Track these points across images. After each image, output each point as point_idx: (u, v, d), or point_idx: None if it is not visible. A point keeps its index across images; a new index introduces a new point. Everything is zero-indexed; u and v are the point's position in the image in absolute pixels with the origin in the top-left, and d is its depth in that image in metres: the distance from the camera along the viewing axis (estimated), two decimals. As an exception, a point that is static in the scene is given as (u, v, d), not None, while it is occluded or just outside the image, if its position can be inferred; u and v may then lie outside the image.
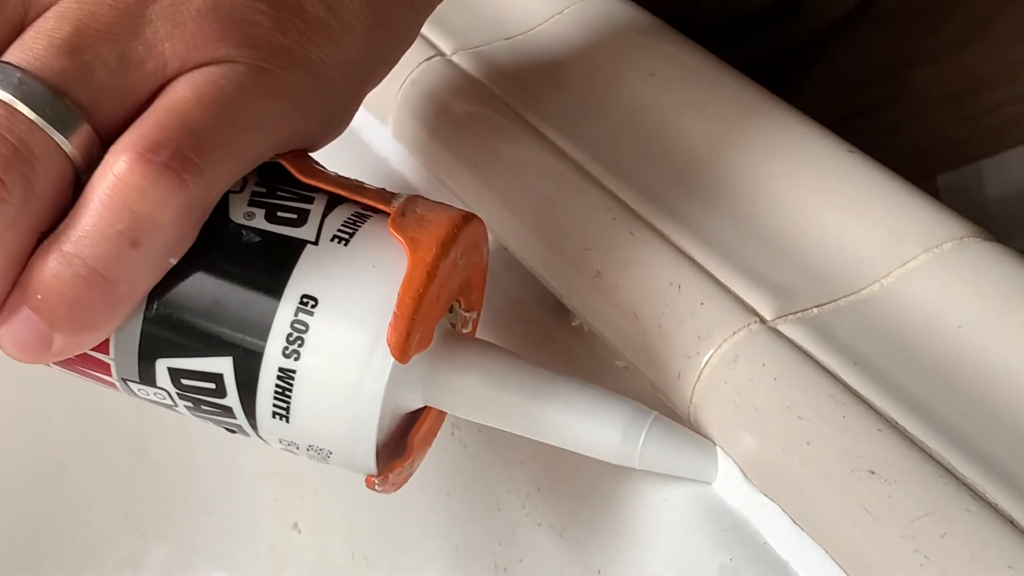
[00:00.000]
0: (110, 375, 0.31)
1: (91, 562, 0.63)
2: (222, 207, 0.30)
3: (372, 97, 0.43)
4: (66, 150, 0.28)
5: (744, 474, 0.31)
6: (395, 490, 0.32)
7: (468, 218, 0.31)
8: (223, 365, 0.30)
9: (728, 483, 0.32)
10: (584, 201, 0.36)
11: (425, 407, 0.33)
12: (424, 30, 0.44)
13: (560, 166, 0.38)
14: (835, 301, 0.33)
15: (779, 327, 0.32)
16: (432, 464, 0.44)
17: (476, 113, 0.40)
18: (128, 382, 0.31)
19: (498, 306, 0.39)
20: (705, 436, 0.32)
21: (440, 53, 0.43)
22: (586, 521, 0.36)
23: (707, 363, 0.32)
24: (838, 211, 0.35)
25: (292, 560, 0.55)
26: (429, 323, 0.30)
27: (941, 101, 0.53)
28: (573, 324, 0.36)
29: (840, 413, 0.30)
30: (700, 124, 0.39)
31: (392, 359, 0.29)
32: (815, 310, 0.32)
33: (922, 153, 0.53)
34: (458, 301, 0.33)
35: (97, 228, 0.28)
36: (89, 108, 0.28)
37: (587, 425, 0.31)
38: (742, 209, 0.36)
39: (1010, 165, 0.53)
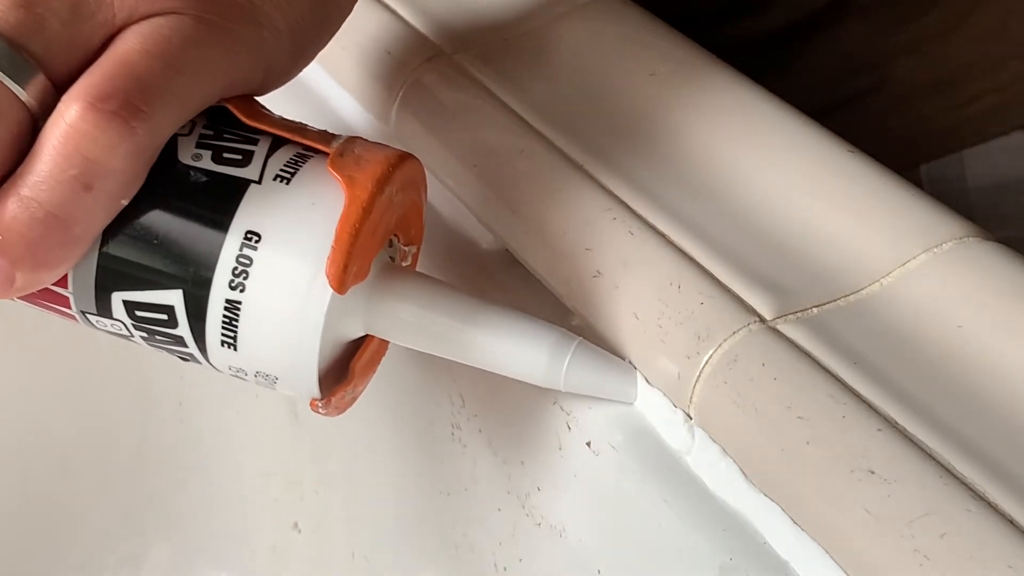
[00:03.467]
0: (70, 308, 0.33)
1: (91, 562, 0.63)
2: (171, 149, 0.32)
3: (373, 97, 0.44)
4: (23, 99, 0.30)
5: (744, 474, 0.31)
6: (338, 413, 0.34)
7: (404, 157, 0.33)
8: (174, 297, 0.32)
9: (728, 483, 0.32)
10: (584, 201, 0.36)
11: (367, 335, 0.35)
12: (424, 30, 0.44)
13: (560, 165, 0.38)
14: (835, 301, 0.33)
15: (779, 327, 0.32)
16: (432, 464, 0.44)
17: (476, 113, 0.40)
18: (87, 314, 0.33)
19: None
20: (705, 436, 0.32)
21: (441, 53, 0.43)
22: (586, 521, 0.36)
23: (707, 363, 0.32)
24: (838, 211, 0.35)
25: (292, 560, 0.55)
26: (366, 256, 0.32)
27: (923, 92, 0.53)
28: (573, 324, 0.36)
29: (840, 413, 0.30)
30: (700, 124, 0.39)
31: (331, 290, 0.31)
32: (815, 310, 0.32)
33: (905, 144, 0.54)
34: (396, 236, 0.35)
35: (52, 173, 0.29)
36: (43, 59, 0.30)
37: (516, 348, 0.33)
38: (742, 209, 0.36)
39: (992, 155, 0.53)
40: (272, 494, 0.55)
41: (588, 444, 0.35)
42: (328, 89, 0.46)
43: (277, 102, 0.35)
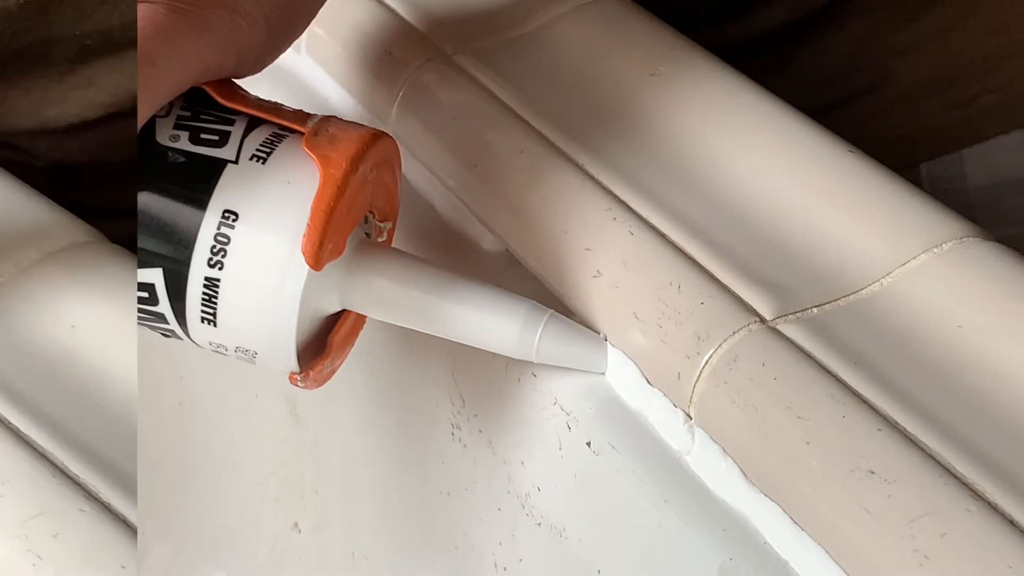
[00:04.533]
0: None
1: (91, 562, 0.62)
2: (149, 130, 0.32)
3: (373, 97, 0.44)
4: None
5: (744, 474, 0.31)
6: (317, 386, 0.35)
7: (377, 136, 0.33)
8: (154, 276, 0.32)
9: (728, 483, 0.32)
10: (584, 201, 0.36)
11: (344, 310, 0.35)
12: (424, 29, 0.44)
13: (560, 166, 0.38)
14: (835, 301, 0.33)
15: (779, 327, 0.32)
16: (432, 464, 0.44)
17: (476, 113, 0.40)
18: None
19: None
20: (705, 436, 0.32)
21: (441, 53, 0.43)
22: (586, 521, 0.36)
23: (707, 363, 0.32)
24: (838, 211, 0.35)
25: (292, 560, 0.55)
26: (341, 233, 0.33)
27: (924, 90, 0.53)
28: (573, 324, 0.36)
29: (840, 413, 0.30)
30: (700, 124, 0.39)
31: (307, 267, 0.32)
32: (815, 310, 0.32)
33: (905, 142, 0.54)
34: (372, 212, 0.35)
35: None
36: None
37: (490, 320, 0.34)
38: (742, 209, 0.36)
39: (993, 154, 0.53)
40: (272, 494, 0.55)
41: (588, 444, 0.35)
42: (328, 88, 0.46)
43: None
